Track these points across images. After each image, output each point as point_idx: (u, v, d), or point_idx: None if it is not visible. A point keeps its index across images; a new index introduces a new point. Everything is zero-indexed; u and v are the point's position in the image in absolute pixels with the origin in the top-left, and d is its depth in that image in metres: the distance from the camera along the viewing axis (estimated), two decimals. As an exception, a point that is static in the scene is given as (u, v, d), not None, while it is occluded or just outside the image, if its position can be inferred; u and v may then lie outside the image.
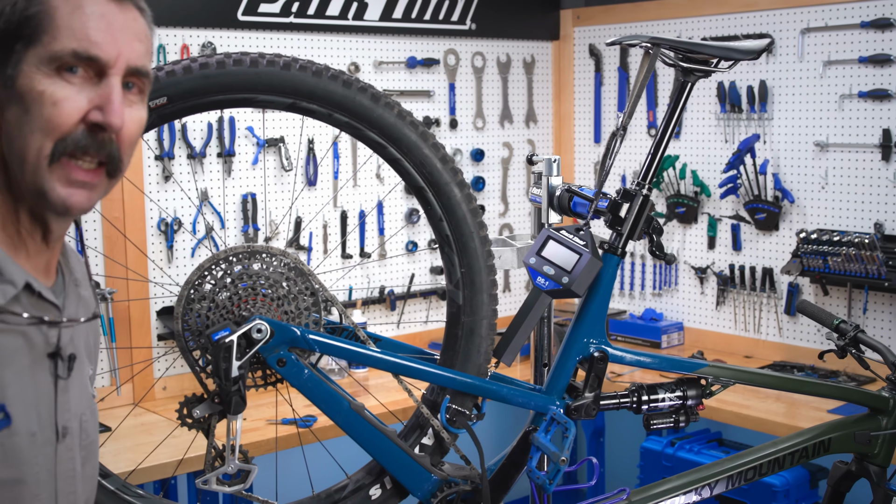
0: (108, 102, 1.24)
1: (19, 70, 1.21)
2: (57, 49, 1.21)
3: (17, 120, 1.22)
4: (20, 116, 1.22)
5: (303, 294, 1.88)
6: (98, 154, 1.25)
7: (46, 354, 1.28)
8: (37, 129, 1.21)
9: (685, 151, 4.28)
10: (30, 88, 1.21)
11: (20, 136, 1.22)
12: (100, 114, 1.23)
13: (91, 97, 1.23)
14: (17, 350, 1.24)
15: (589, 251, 1.94)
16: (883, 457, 2.27)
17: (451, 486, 1.97)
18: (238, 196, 3.79)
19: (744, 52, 2.01)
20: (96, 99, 1.24)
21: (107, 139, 1.25)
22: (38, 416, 1.27)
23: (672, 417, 2.11)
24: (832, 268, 3.70)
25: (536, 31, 4.65)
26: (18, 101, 1.22)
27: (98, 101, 1.24)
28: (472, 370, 1.99)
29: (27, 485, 1.26)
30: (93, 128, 1.24)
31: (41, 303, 1.28)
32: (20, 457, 1.24)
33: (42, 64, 1.21)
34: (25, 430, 1.24)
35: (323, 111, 1.86)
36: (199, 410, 1.85)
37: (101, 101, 1.24)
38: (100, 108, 1.23)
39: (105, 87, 1.24)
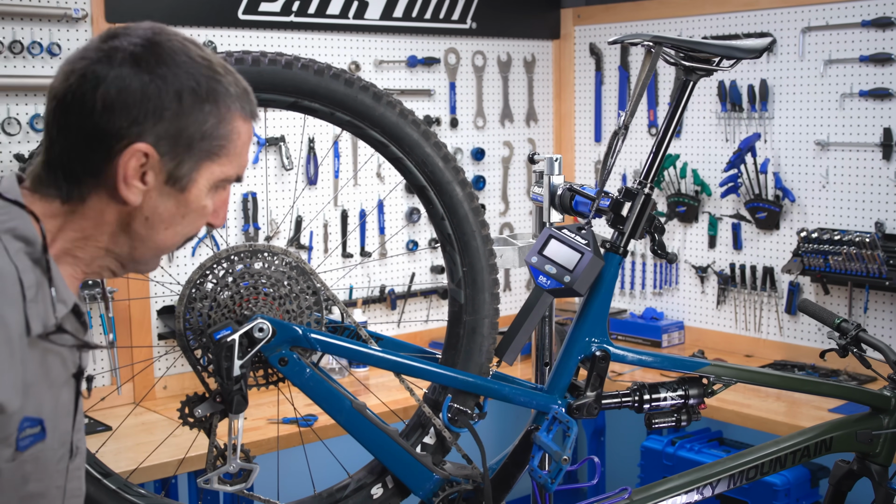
0: (223, 208, 1.38)
1: (193, 179, 1.30)
2: (230, 174, 1.34)
3: (171, 218, 1.31)
4: (175, 217, 1.31)
5: (304, 293, 1.88)
6: None
7: (72, 374, 1.32)
8: (183, 233, 1.34)
9: (686, 150, 4.28)
10: (197, 200, 1.32)
11: (169, 233, 1.32)
12: (216, 218, 1.38)
13: (215, 202, 1.36)
14: (56, 369, 1.28)
15: (591, 250, 1.93)
16: (884, 456, 2.27)
17: (452, 485, 1.96)
18: (239, 195, 3.79)
19: (745, 51, 2.01)
20: (218, 203, 1.37)
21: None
22: (60, 434, 1.31)
23: (674, 416, 2.11)
24: (833, 267, 3.70)
25: (537, 30, 4.65)
26: (179, 204, 1.31)
27: (218, 206, 1.37)
28: (474, 369, 1.99)
29: (46, 499, 1.30)
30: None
31: (79, 325, 1.33)
32: (48, 472, 1.29)
33: (213, 182, 1.32)
34: (52, 446, 1.29)
35: (325, 110, 1.86)
36: (201, 409, 1.84)
37: (219, 207, 1.38)
38: (216, 211, 1.37)
39: (224, 195, 1.38)
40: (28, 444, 1.23)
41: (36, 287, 1.22)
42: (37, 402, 1.23)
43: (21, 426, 1.21)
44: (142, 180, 1.27)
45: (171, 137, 1.27)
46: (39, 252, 1.24)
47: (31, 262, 1.22)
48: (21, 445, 1.22)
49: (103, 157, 1.25)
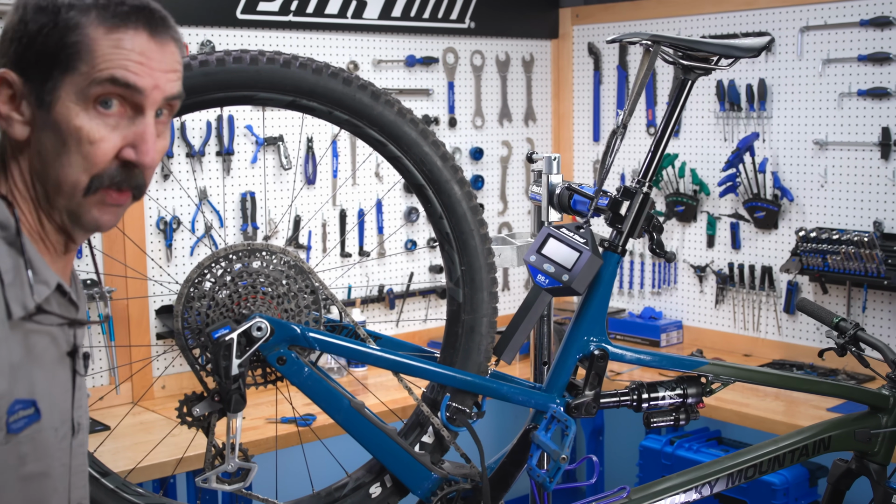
0: (141, 141, 1.28)
1: (56, 97, 1.24)
2: (95, 76, 1.24)
3: (54, 148, 1.26)
4: (56, 146, 1.25)
5: (303, 292, 1.88)
6: (129, 186, 1.30)
7: (66, 352, 1.33)
8: (74, 164, 1.26)
9: (684, 150, 4.28)
10: (66, 121, 1.25)
11: (57, 165, 1.26)
12: (133, 152, 1.28)
13: (125, 134, 1.27)
14: (45, 349, 1.28)
15: (589, 249, 1.93)
16: (883, 455, 2.27)
17: (451, 484, 1.96)
18: (237, 195, 3.79)
19: (744, 50, 2.01)
20: (130, 136, 1.28)
21: (137, 172, 1.30)
22: (59, 412, 1.32)
23: (672, 415, 2.11)
24: (831, 266, 3.70)
25: (535, 29, 4.65)
26: (54, 129, 1.25)
27: (132, 139, 1.28)
28: (473, 368, 1.99)
29: (51, 478, 1.31)
30: (125, 163, 1.28)
31: (66, 304, 1.32)
32: (48, 451, 1.30)
33: (79, 93, 1.25)
34: (51, 425, 1.29)
35: (323, 109, 1.86)
36: (199, 409, 1.84)
37: (134, 140, 1.28)
38: (133, 145, 1.28)
39: (139, 125, 1.28)
40: (22, 426, 1.24)
41: (13, 271, 1.23)
42: (28, 384, 1.24)
43: (11, 409, 1.22)
44: (18, 111, 1.26)
45: (23, 57, 1.25)
46: (13, 235, 1.25)
47: (6, 246, 1.23)
48: (13, 428, 1.22)
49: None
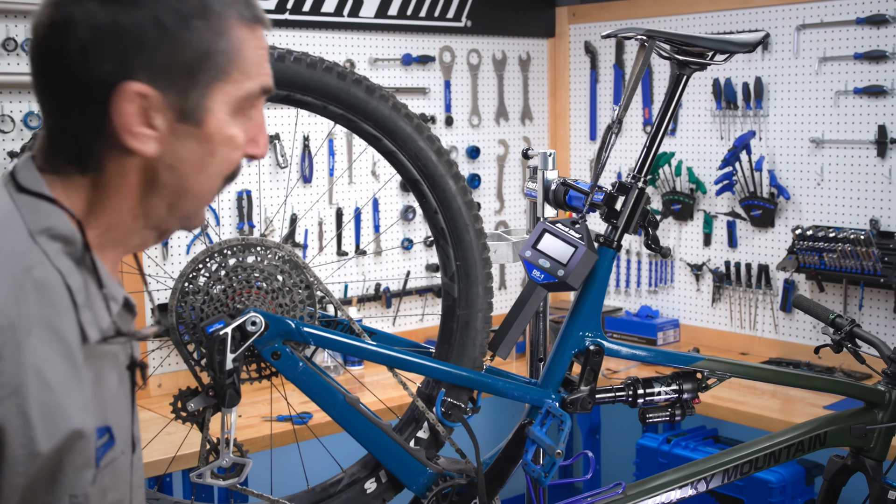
0: (261, 134, 1.22)
1: (207, 108, 1.14)
2: (250, 88, 1.17)
3: (199, 160, 1.16)
4: (203, 157, 1.16)
5: (297, 287, 1.88)
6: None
7: (126, 366, 1.23)
8: (220, 172, 1.19)
9: (681, 148, 4.28)
10: (220, 132, 1.16)
11: (201, 176, 1.17)
12: (255, 148, 1.22)
13: (248, 129, 1.21)
14: (110, 367, 1.18)
15: (584, 244, 1.93)
16: (879, 450, 2.27)
17: (446, 479, 1.96)
18: (233, 193, 3.79)
19: (739, 45, 2.01)
20: (252, 131, 1.21)
21: None
22: (124, 431, 1.22)
23: (668, 411, 2.11)
24: (828, 264, 3.70)
25: (532, 28, 4.65)
26: (202, 141, 1.15)
27: (253, 133, 1.22)
28: (468, 363, 1.99)
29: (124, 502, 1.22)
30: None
31: (126, 315, 1.20)
32: (123, 476, 1.21)
33: (232, 104, 1.16)
34: (120, 447, 1.19)
35: (317, 103, 1.86)
36: (194, 404, 1.84)
37: (255, 134, 1.22)
38: (253, 140, 1.22)
39: (256, 118, 1.22)
40: (101, 454, 1.14)
41: (84, 290, 1.11)
42: (101, 409, 1.14)
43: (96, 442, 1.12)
44: (149, 126, 1.12)
45: (165, 68, 1.11)
46: (81, 250, 1.12)
47: (73, 263, 1.11)
48: (97, 459, 1.13)
49: (98, 110, 1.11)
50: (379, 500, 1.97)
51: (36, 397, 1.03)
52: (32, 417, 1.03)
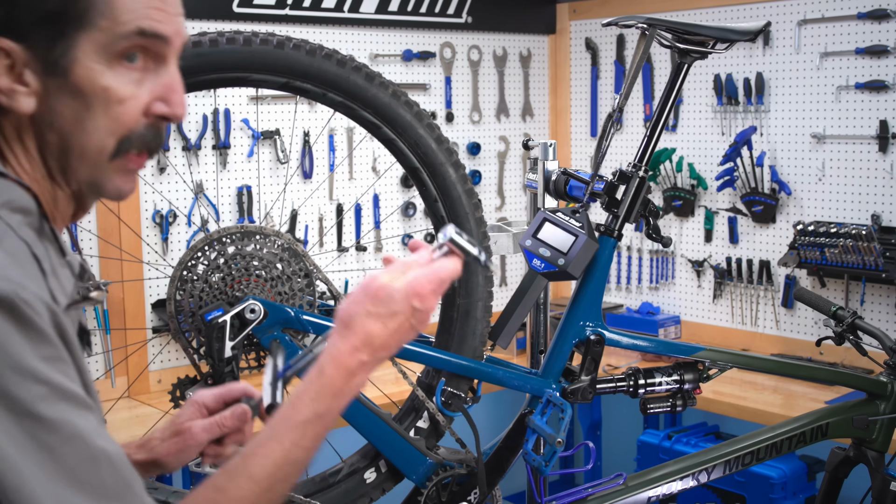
0: (172, 92, 1.18)
1: (73, 59, 1.11)
2: (120, 31, 1.11)
3: (76, 115, 1.12)
4: (79, 112, 1.12)
5: (297, 275, 1.87)
6: (157, 145, 1.20)
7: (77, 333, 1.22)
8: (101, 127, 1.13)
9: (682, 144, 4.27)
10: (90, 82, 1.11)
11: (81, 133, 1.13)
12: (164, 106, 1.17)
13: (152, 87, 1.16)
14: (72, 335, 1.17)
15: (585, 233, 1.93)
16: (881, 442, 2.26)
17: (446, 469, 1.95)
18: (233, 188, 3.78)
19: (740, 34, 2.01)
20: (158, 89, 1.17)
21: (162, 129, 1.20)
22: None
23: (669, 402, 2.10)
24: (829, 259, 3.69)
25: (533, 24, 4.64)
26: (75, 95, 1.12)
27: (160, 92, 1.17)
28: (468, 352, 1.98)
29: None
30: (155, 119, 1.18)
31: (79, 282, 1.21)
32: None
33: (101, 52, 1.11)
34: None
35: (317, 91, 1.85)
36: (193, 392, 1.83)
37: (163, 92, 1.17)
38: (162, 98, 1.17)
39: (166, 76, 1.17)
40: None
41: (48, 258, 1.12)
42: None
43: None
44: (20, 82, 1.10)
45: (26, 20, 1.09)
46: (39, 220, 1.13)
47: (33, 233, 1.11)
48: None
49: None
50: (379, 490, 1.96)
51: None
52: None
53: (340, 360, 1.25)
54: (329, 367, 1.25)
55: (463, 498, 1.95)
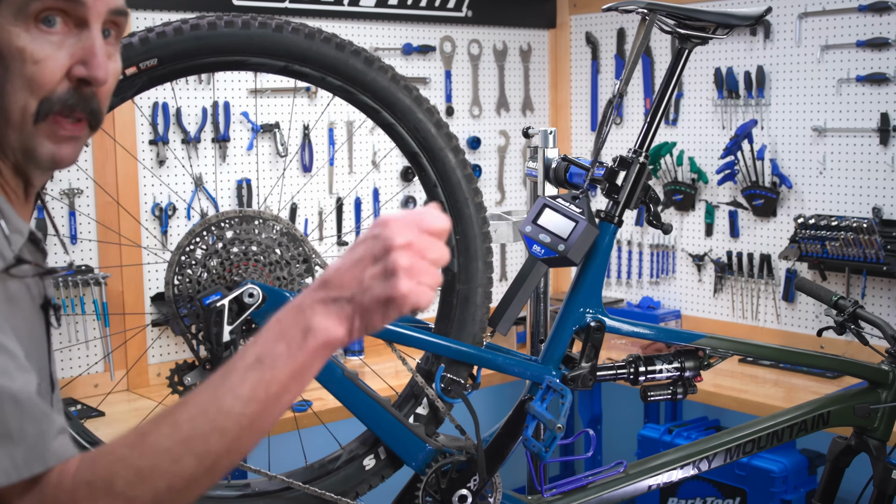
0: (91, 56, 1.17)
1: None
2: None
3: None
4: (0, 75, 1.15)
5: (295, 260, 1.86)
6: (83, 110, 1.20)
7: (40, 305, 1.24)
8: (20, 88, 1.15)
9: (682, 138, 4.26)
10: (7, 44, 1.13)
11: (2, 96, 1.15)
12: (84, 68, 1.17)
13: (73, 51, 1.17)
14: (23, 301, 1.19)
15: (585, 218, 1.92)
16: (882, 430, 2.25)
17: (445, 456, 1.94)
18: (233, 181, 3.77)
19: (741, 18, 2.00)
20: (78, 52, 1.17)
21: (90, 94, 1.20)
22: (40, 367, 1.22)
23: (669, 389, 2.09)
24: (830, 253, 3.68)
25: (533, 18, 4.63)
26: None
27: (80, 55, 1.17)
28: (468, 339, 1.97)
29: None
30: (77, 83, 1.18)
31: (37, 253, 1.24)
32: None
33: (18, 14, 1.13)
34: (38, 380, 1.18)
35: (315, 74, 1.84)
36: (191, 378, 1.82)
37: (83, 55, 1.17)
38: (83, 62, 1.17)
39: (86, 39, 1.17)
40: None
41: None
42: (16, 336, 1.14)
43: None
44: None
45: None
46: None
47: None
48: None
49: None
50: (378, 476, 1.95)
51: None
52: None
53: (293, 301, 1.14)
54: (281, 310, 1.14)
55: (462, 485, 1.94)
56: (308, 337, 1.10)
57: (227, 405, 1.08)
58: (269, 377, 1.09)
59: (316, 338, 1.10)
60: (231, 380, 1.09)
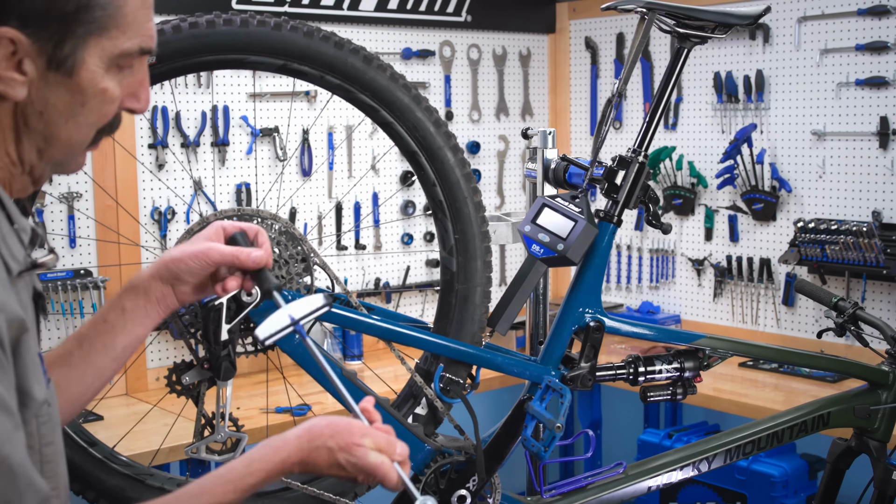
0: (142, 89, 1.26)
1: (80, 60, 1.16)
2: (127, 47, 1.19)
3: (68, 108, 1.18)
4: (73, 106, 1.19)
5: (294, 259, 1.86)
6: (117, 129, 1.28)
7: (31, 298, 1.25)
8: (91, 123, 1.21)
9: (682, 142, 4.26)
10: (92, 84, 1.18)
11: (71, 126, 1.20)
12: (136, 102, 1.25)
13: (128, 83, 1.24)
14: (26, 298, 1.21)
15: (584, 218, 1.91)
16: (883, 431, 2.24)
17: (444, 456, 1.93)
18: (232, 185, 3.77)
19: (740, 17, 1.99)
20: (133, 85, 1.24)
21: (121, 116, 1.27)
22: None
23: (669, 389, 2.08)
24: (830, 256, 3.67)
25: (532, 23, 4.64)
26: (73, 91, 1.18)
27: (133, 88, 1.25)
28: (467, 338, 1.96)
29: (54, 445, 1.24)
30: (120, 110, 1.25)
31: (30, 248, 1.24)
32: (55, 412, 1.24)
33: (107, 59, 1.19)
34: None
35: (314, 73, 1.84)
36: (189, 377, 1.81)
37: (136, 89, 1.25)
38: (134, 94, 1.25)
39: (139, 73, 1.25)
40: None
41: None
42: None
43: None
44: (18, 70, 1.14)
45: (39, 15, 1.13)
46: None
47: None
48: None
49: None
50: (376, 476, 1.94)
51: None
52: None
53: (285, 466, 1.34)
54: (273, 465, 1.33)
55: (461, 485, 1.93)
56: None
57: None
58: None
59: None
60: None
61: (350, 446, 1.34)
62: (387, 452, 1.37)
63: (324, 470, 1.35)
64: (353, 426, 1.37)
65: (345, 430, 1.36)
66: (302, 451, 1.34)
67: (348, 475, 1.36)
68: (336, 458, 1.34)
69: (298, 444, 1.35)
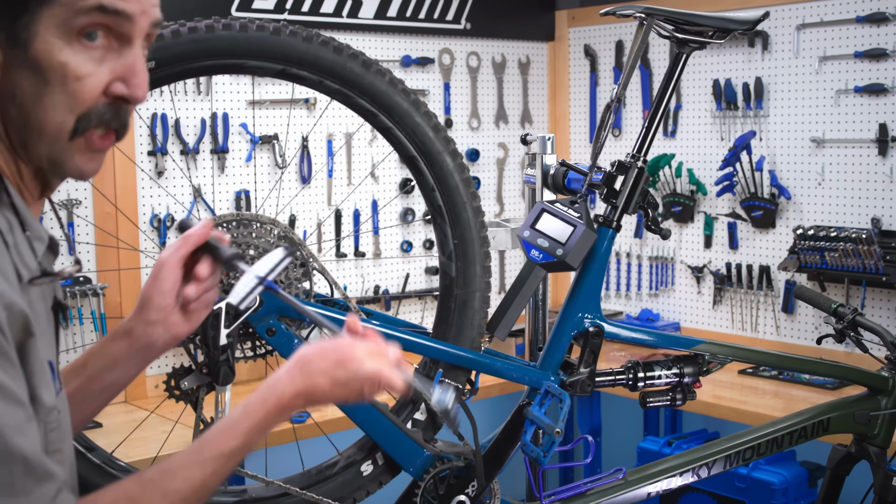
0: (132, 74, 1.17)
1: (33, 33, 1.10)
2: (80, 5, 1.10)
3: (34, 90, 1.12)
4: (38, 87, 1.12)
5: (292, 263, 1.85)
6: (116, 124, 1.19)
7: (51, 307, 1.24)
8: (59, 104, 1.13)
9: (681, 150, 4.26)
10: (49, 58, 1.11)
11: (39, 109, 1.13)
12: (124, 87, 1.16)
13: (113, 67, 1.15)
14: (41, 307, 1.19)
15: (583, 223, 1.91)
16: (883, 437, 2.24)
17: (444, 461, 1.93)
18: (231, 193, 3.77)
19: (739, 23, 1.99)
20: (119, 69, 1.16)
21: (125, 109, 1.19)
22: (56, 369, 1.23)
23: (669, 395, 2.08)
24: (829, 263, 3.67)
25: (531, 31, 4.64)
26: (34, 70, 1.11)
27: (121, 73, 1.16)
28: (466, 343, 1.96)
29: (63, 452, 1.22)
30: (113, 99, 1.17)
31: (50, 256, 1.22)
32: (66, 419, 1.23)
33: (61, 28, 1.11)
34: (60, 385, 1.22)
35: (313, 78, 1.84)
36: (188, 382, 1.81)
37: (124, 73, 1.16)
38: (123, 79, 1.16)
39: (128, 56, 1.16)
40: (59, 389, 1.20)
41: (10, 232, 1.12)
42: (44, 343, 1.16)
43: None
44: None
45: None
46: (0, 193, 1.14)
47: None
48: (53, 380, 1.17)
49: None
50: (376, 482, 1.94)
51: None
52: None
53: (282, 401, 1.30)
54: (270, 404, 1.30)
55: (461, 491, 1.93)
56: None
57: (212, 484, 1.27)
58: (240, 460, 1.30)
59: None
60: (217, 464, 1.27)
61: (343, 360, 1.32)
62: (380, 357, 1.35)
63: (327, 394, 1.32)
64: (340, 342, 1.35)
65: (334, 348, 1.33)
66: (296, 383, 1.31)
67: (352, 392, 1.33)
68: (334, 376, 1.31)
69: (290, 376, 1.32)
